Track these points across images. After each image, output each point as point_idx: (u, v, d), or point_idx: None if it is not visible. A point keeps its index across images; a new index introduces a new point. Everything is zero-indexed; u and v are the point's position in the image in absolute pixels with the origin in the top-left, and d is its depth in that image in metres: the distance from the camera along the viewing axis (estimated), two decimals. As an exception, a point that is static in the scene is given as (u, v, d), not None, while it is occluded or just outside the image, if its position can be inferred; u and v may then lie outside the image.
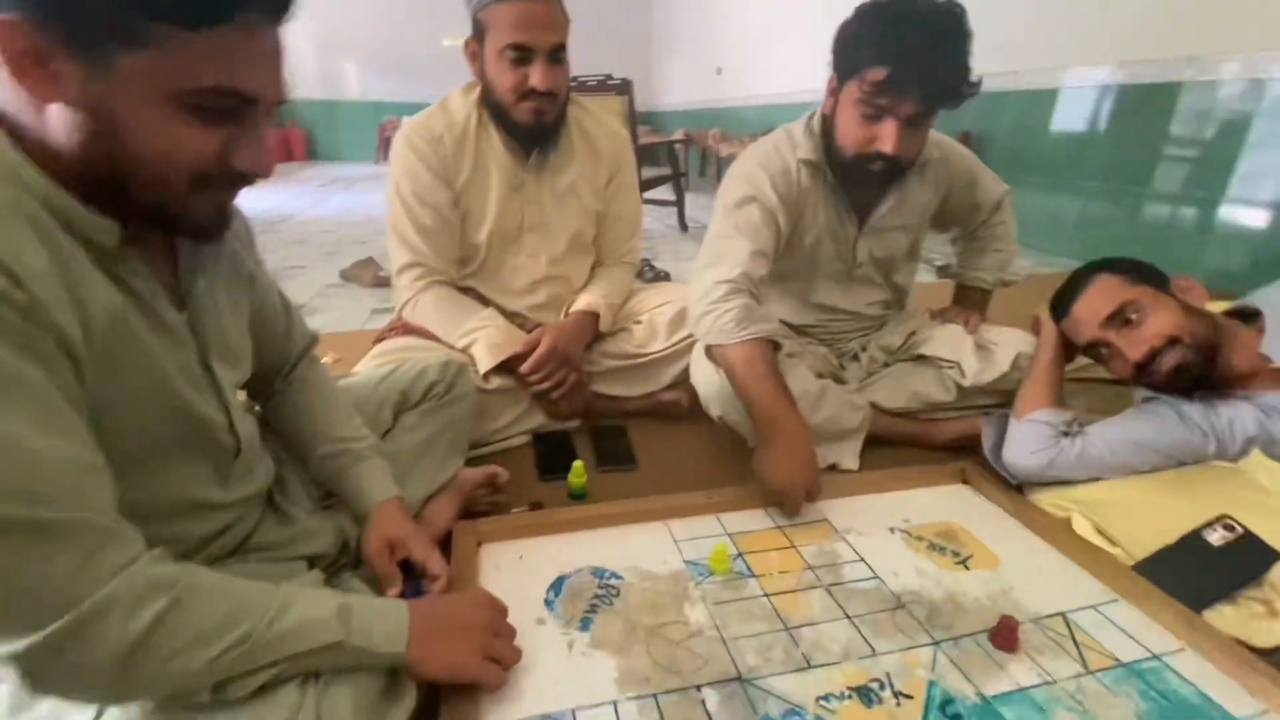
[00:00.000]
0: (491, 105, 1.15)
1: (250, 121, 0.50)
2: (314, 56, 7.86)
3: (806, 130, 1.13)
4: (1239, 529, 0.83)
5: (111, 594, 0.43)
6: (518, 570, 0.84)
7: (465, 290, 1.25)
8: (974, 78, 0.95)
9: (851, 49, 0.98)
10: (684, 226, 3.91)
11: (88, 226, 0.47)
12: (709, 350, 1.08)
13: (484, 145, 1.18)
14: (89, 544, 0.43)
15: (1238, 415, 0.93)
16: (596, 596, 0.79)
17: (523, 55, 1.07)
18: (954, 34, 0.92)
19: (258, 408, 0.80)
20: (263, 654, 0.48)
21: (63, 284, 0.44)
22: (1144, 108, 2.75)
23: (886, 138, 0.97)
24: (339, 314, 2.09)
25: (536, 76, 1.07)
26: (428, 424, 0.91)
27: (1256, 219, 2.42)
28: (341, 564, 0.76)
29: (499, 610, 0.66)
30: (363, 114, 8.06)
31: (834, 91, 1.04)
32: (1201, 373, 0.94)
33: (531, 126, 1.13)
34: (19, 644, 0.40)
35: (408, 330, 1.21)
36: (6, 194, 0.43)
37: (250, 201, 0.55)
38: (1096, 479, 0.97)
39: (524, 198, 1.21)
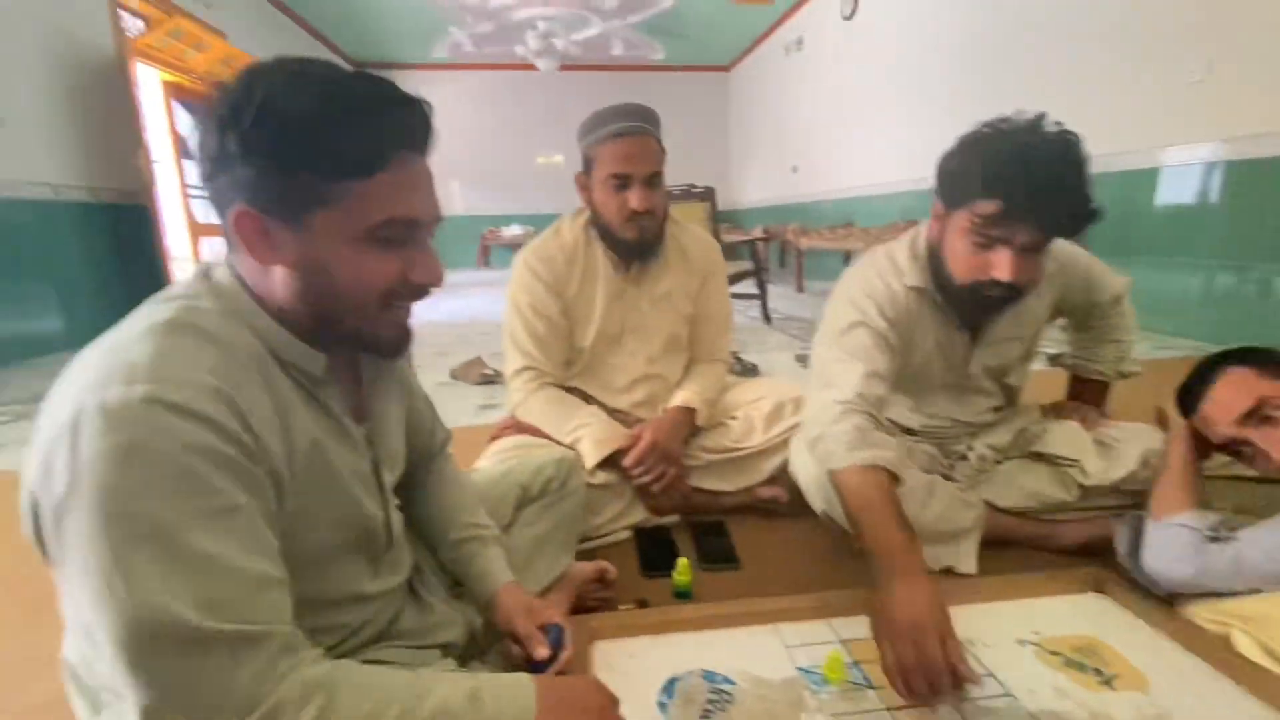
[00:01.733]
0: (600, 228, 1.30)
1: (419, 241, 0.59)
2: (427, 180, 8.90)
3: (911, 255, 1.08)
4: None
5: (282, 697, 0.48)
6: (629, 669, 0.85)
7: (571, 390, 1.35)
8: (1095, 205, 0.89)
9: (960, 180, 0.94)
10: (767, 318, 3.97)
11: (301, 359, 0.58)
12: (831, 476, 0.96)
13: (591, 262, 1.32)
14: (273, 652, 0.48)
15: None
16: (710, 702, 0.79)
17: (623, 182, 1.22)
18: (1068, 163, 0.88)
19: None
20: None
21: (276, 415, 0.54)
22: (1259, 181, 2.62)
23: (1002, 265, 0.92)
24: (449, 410, 2.25)
25: (635, 199, 1.21)
26: (545, 519, 0.97)
27: None
28: (470, 654, 0.80)
29: (614, 699, 0.67)
30: (464, 226, 8.92)
31: (940, 217, 1.01)
32: None
33: (636, 242, 1.26)
34: None
35: (520, 429, 1.30)
36: (245, 339, 0.54)
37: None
38: (1256, 590, 0.88)
39: (625, 304, 1.33)
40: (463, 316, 4.52)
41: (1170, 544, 0.93)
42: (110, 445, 0.44)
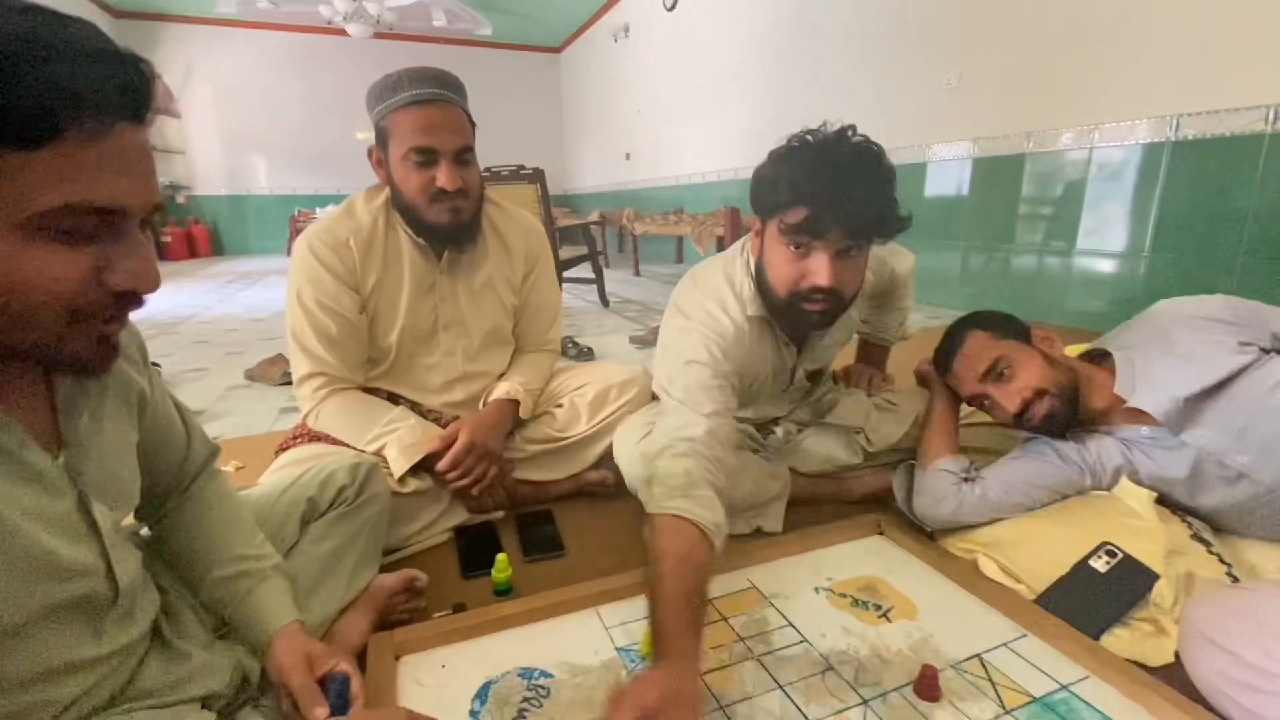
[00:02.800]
0: (402, 208, 1.15)
1: (122, 235, 0.47)
2: (220, 153, 7.76)
3: (747, 276, 1.05)
4: (1119, 553, 0.91)
5: None
6: (440, 681, 0.80)
7: (374, 391, 1.22)
8: (903, 212, 0.92)
9: (769, 190, 0.93)
10: (605, 302, 4.00)
11: None
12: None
13: (393, 248, 1.17)
14: None
15: (1104, 448, 1.03)
16: (525, 700, 0.76)
17: (428, 158, 1.08)
18: (868, 168, 0.89)
19: (144, 529, 0.75)
20: None
21: None
22: (999, 176, 3.13)
23: (819, 270, 0.90)
24: (244, 416, 1.98)
25: (443, 177, 1.08)
26: (337, 532, 0.87)
27: (1105, 265, 2.75)
28: (241, 700, 0.69)
29: None
30: (271, 207, 7.95)
31: (759, 233, 1.00)
32: (1068, 416, 1.04)
33: (448, 226, 1.13)
34: None
35: (314, 437, 1.15)
36: None
37: (147, 304, 0.51)
38: (996, 520, 1.04)
39: (436, 296, 1.21)
40: (264, 310, 4.00)
41: (933, 487, 1.07)
42: None
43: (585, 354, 2.65)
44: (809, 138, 0.92)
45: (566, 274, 3.47)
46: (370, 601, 0.88)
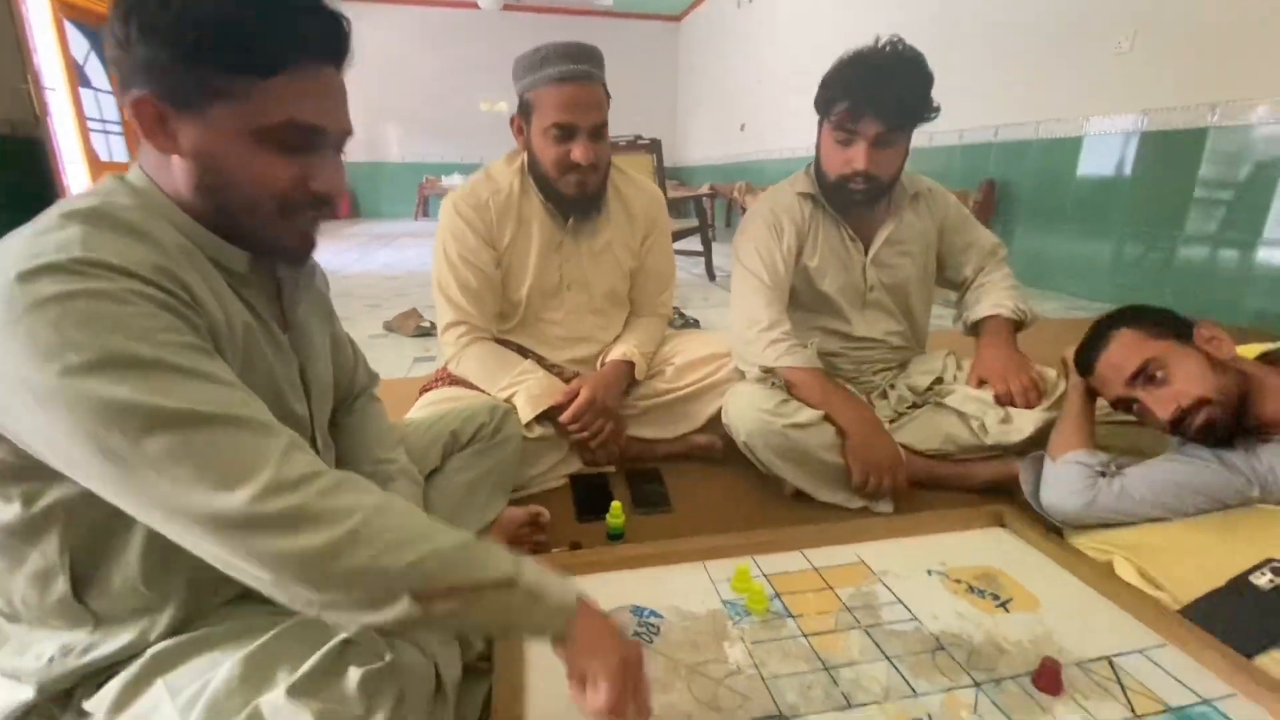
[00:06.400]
0: (537, 176, 1.23)
1: (323, 151, 0.57)
2: (359, 122, 8.34)
3: (806, 171, 1.31)
4: (1288, 572, 0.82)
5: (319, 470, 0.48)
6: (560, 608, 0.87)
7: (506, 343, 1.31)
8: (934, 104, 1.15)
9: (824, 92, 1.18)
10: (711, 276, 3.99)
11: (222, 255, 0.57)
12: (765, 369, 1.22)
13: (526, 210, 1.26)
14: (292, 440, 0.49)
15: (1279, 458, 0.92)
16: (636, 634, 0.81)
17: (566, 133, 1.14)
18: (907, 66, 1.12)
19: None
20: (452, 572, 0.50)
21: (213, 296, 0.54)
22: (1172, 153, 2.77)
23: (858, 156, 1.15)
24: (383, 363, 2.18)
25: (579, 152, 1.14)
26: (476, 465, 0.96)
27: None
28: None
29: (640, 654, 0.61)
30: (403, 175, 8.49)
31: (821, 134, 1.23)
32: (1231, 427, 0.93)
33: (576, 197, 1.21)
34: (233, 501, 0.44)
35: (453, 382, 1.27)
36: (170, 233, 0.53)
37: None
38: (1138, 522, 0.96)
39: (562, 256, 1.29)
40: (399, 269, 4.34)
41: (1065, 479, 1.01)
42: (48, 295, 0.43)
43: (691, 325, 2.67)
44: (862, 49, 1.14)
45: (675, 246, 3.47)
46: (501, 529, 0.98)
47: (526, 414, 1.18)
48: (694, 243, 3.99)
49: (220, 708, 0.50)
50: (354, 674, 0.52)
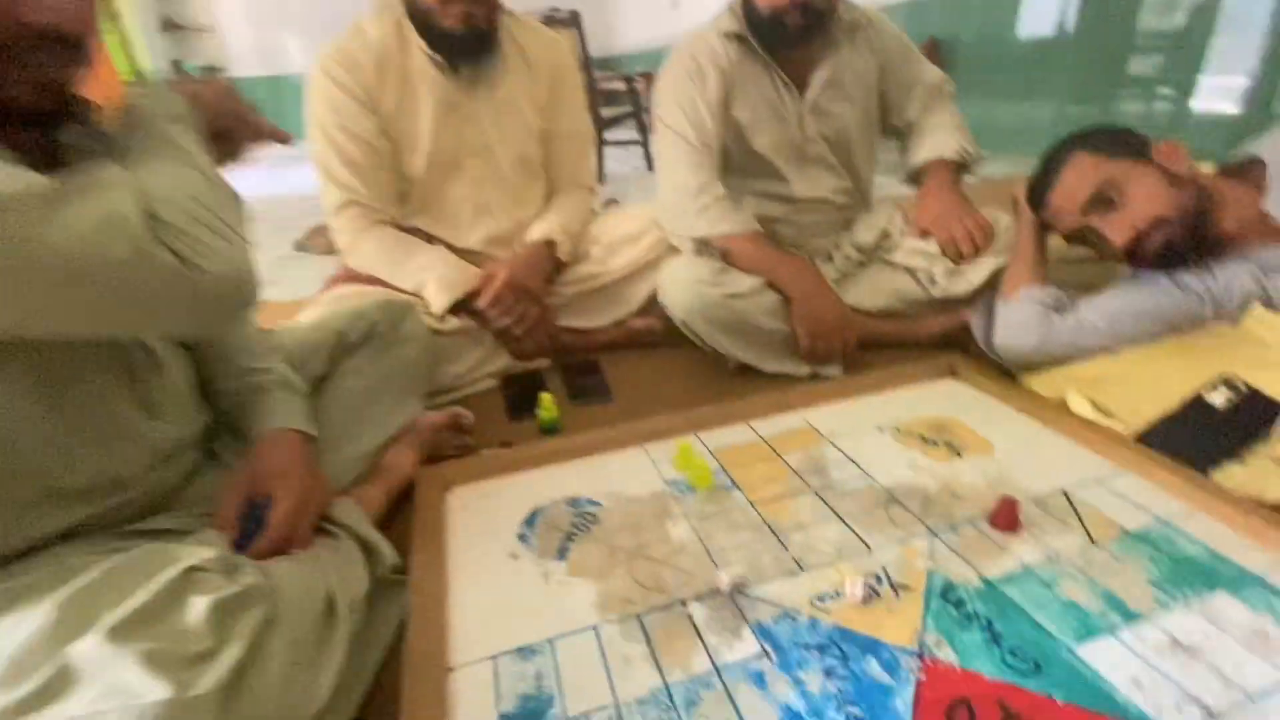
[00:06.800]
0: (416, 19, 1.05)
1: None
2: (250, 33, 7.43)
3: (730, 8, 1.14)
4: (1242, 386, 0.79)
5: None
6: (488, 508, 0.79)
7: (409, 230, 1.16)
8: None
9: None
10: (651, 165, 3.77)
11: None
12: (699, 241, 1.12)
13: (408, 65, 1.07)
14: None
15: (1234, 276, 0.88)
16: (573, 525, 0.74)
17: None
18: None
19: None
20: None
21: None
22: (1112, 3, 2.64)
23: None
24: (294, 284, 1.99)
25: None
26: (374, 368, 0.84)
27: (1231, 97, 2.35)
28: None
29: None
30: (303, 89, 7.68)
31: None
32: (1189, 246, 0.88)
33: (461, 33, 1.02)
34: None
35: (356, 279, 1.12)
36: None
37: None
38: (1093, 355, 0.92)
39: (460, 117, 1.11)
40: (309, 188, 3.95)
41: (1018, 316, 0.95)
42: None
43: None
44: None
45: (608, 136, 3.24)
46: (416, 436, 0.87)
47: (440, 302, 1.06)
48: (630, 131, 3.73)
49: (22, 665, 0.40)
50: (199, 603, 0.43)
